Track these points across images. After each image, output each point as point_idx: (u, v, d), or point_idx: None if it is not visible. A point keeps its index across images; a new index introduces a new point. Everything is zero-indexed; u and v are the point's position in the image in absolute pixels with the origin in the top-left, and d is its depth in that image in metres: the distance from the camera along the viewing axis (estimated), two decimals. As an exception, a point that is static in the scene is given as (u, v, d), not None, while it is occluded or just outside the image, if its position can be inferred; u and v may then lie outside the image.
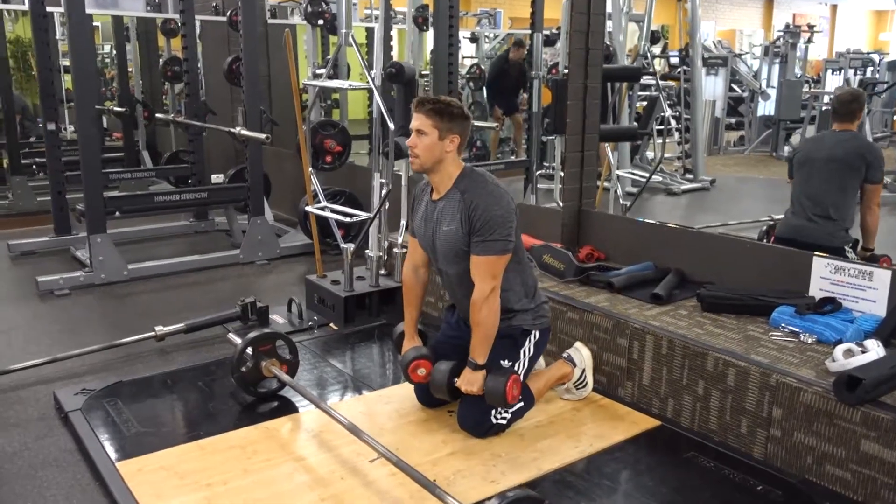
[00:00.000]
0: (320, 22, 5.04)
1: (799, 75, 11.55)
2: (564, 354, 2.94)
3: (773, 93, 11.76)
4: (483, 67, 9.68)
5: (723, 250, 3.43)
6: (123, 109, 7.40)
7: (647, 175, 8.05)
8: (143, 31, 7.80)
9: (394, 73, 3.66)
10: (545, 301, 2.79)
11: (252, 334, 2.93)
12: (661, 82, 5.12)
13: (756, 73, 12.57)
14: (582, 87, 3.82)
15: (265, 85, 6.63)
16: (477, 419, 2.59)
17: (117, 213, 4.89)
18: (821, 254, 3.03)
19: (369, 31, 7.07)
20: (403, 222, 4.07)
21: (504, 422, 2.61)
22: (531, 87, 6.45)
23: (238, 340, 3.09)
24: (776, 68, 12.13)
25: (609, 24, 7.25)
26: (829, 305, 2.87)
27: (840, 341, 2.59)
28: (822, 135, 3.67)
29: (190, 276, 4.84)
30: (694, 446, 2.63)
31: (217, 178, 6.57)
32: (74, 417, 2.79)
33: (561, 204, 4.33)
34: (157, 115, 6.65)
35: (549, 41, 10.01)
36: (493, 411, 2.57)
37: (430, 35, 5.60)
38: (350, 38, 3.62)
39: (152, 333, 3.57)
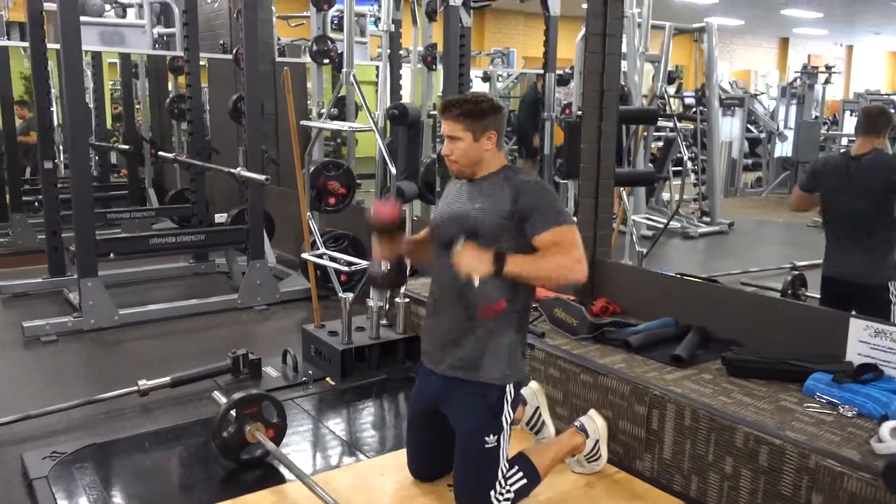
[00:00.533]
0: (325, 61, 4.90)
1: (815, 116, 11.34)
2: (577, 423, 2.68)
3: (789, 134, 11.58)
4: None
5: (749, 307, 3.18)
6: (128, 147, 7.29)
7: (665, 220, 7.88)
8: (153, 69, 7.73)
9: (397, 114, 3.48)
10: (526, 349, 2.46)
11: (236, 396, 2.70)
12: (678, 124, 4.91)
13: (773, 114, 12.38)
14: (596, 129, 3.61)
15: (272, 124, 6.50)
16: (475, 498, 2.32)
17: (112, 255, 4.72)
18: (858, 315, 2.77)
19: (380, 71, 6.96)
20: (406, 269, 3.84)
21: (507, 502, 2.34)
22: (543, 128, 6.30)
23: (222, 400, 2.86)
24: (793, 109, 11.96)
25: (623, 65, 7.12)
26: (870, 373, 2.60)
27: (885, 417, 2.32)
28: (841, 163, 3.39)
29: (184, 321, 4.62)
30: (722, 533, 2.35)
31: (221, 218, 6.40)
32: (38, 487, 2.56)
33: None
34: (161, 153, 6.51)
35: (563, 81, 9.92)
36: (494, 491, 2.30)
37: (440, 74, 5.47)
38: (351, 78, 3.45)
39: (135, 388, 3.34)
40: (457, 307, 2.32)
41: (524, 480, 2.38)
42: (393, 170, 3.37)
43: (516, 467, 2.37)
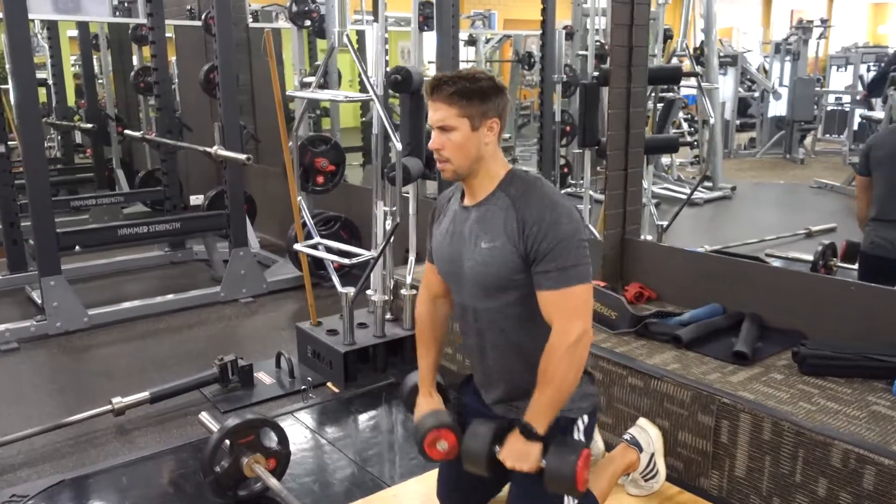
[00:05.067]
0: (307, 23, 4.39)
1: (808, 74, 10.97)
2: (626, 436, 2.28)
3: (783, 92, 11.21)
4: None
5: (809, 290, 2.80)
6: (92, 125, 6.72)
7: (668, 186, 7.49)
8: (115, 39, 7.12)
9: (399, 80, 3.00)
10: (591, 371, 2.01)
11: (230, 423, 2.26)
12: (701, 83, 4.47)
13: (767, 72, 12.00)
14: (625, 91, 3.18)
15: (247, 96, 5.96)
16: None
17: (77, 248, 4.23)
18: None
19: (360, 35, 6.42)
20: (412, 257, 3.42)
21: (566, 539, 1.94)
22: (542, 92, 5.85)
23: (212, 426, 2.43)
24: (787, 67, 11.57)
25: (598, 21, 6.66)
26: (972, 368, 2.24)
27: None
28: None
29: (162, 320, 4.16)
30: (819, 569, 1.99)
31: (196, 200, 5.88)
32: (-6, 545, 2.12)
33: (596, 232, 3.70)
34: (128, 131, 5.96)
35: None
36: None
37: (426, 39, 4.97)
38: (345, 39, 2.97)
39: (109, 407, 2.90)
40: (498, 352, 1.89)
41: (583, 512, 1.98)
42: (398, 145, 2.91)
43: (576, 501, 1.97)
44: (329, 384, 3.26)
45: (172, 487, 2.44)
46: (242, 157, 3.94)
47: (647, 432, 2.27)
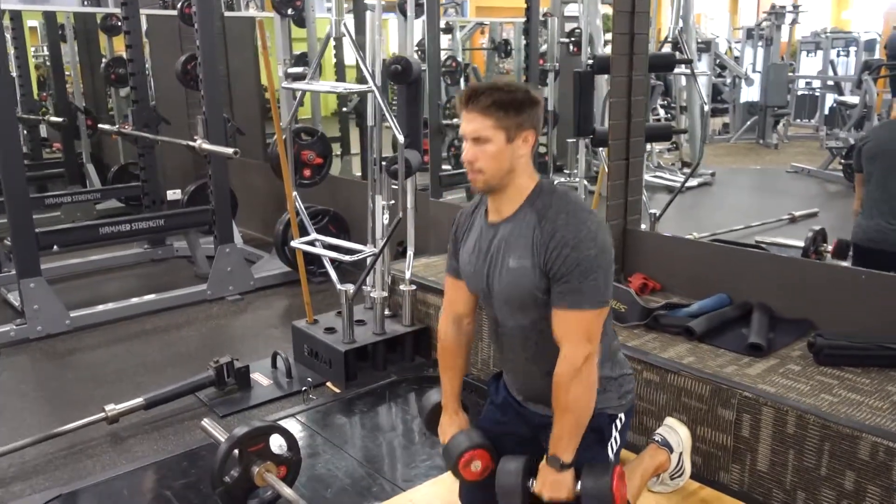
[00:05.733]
0: (290, 11, 4.26)
1: (782, 59, 11.05)
2: (656, 437, 2.24)
3: (755, 77, 11.29)
4: (459, 60, 8.97)
5: (815, 279, 2.78)
6: (62, 119, 6.48)
7: (653, 173, 7.49)
8: (83, 29, 6.88)
9: (400, 70, 2.91)
10: (629, 370, 2.04)
11: (239, 431, 2.17)
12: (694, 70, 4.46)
13: (738, 58, 12.09)
14: (626, 80, 3.12)
15: (224, 87, 5.79)
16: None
17: (55, 248, 4.07)
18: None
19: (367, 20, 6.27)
20: (410, 252, 3.33)
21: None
22: (527, 80, 5.79)
23: (217, 434, 2.34)
24: (758, 52, 11.66)
25: (579, 8, 6.61)
26: None
27: None
28: (891, 126, 3.03)
29: (147, 320, 4.02)
30: (849, 563, 1.97)
31: (174, 195, 5.71)
32: (-7, 568, 2.01)
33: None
34: (101, 125, 5.76)
35: (527, 30, 9.36)
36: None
37: (406, 25, 4.86)
38: (343, 28, 2.86)
39: (102, 415, 2.78)
40: (532, 361, 1.84)
41: (617, 518, 1.93)
42: (400, 138, 2.82)
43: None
44: (329, 384, 3.18)
45: (177, 499, 2.34)
46: (230, 150, 3.81)
47: (676, 432, 2.23)
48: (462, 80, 8.94)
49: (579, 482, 1.73)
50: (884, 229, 3.10)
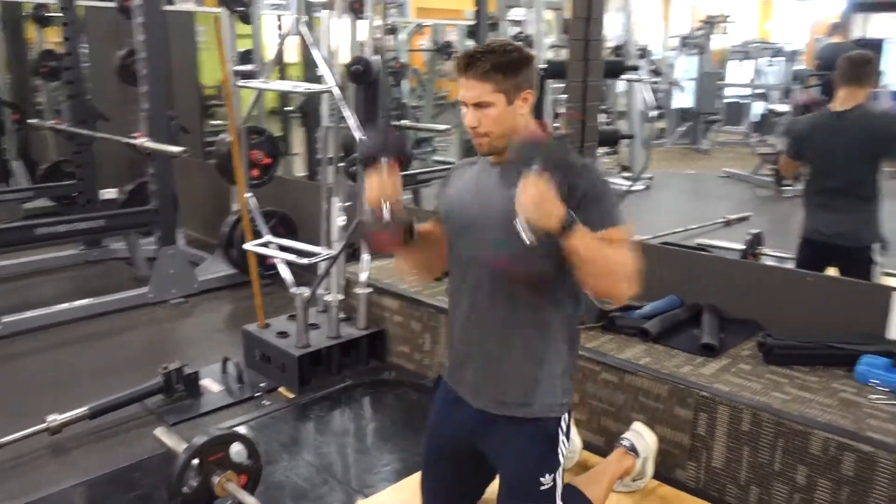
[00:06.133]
0: (239, 7, 4.16)
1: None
2: (624, 442, 2.27)
3: (687, 85, 11.64)
4: (403, 61, 8.95)
5: (762, 280, 2.89)
6: (-16, 113, 6.17)
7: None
8: (9, 20, 6.55)
9: (360, 70, 2.88)
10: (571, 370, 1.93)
11: (199, 440, 2.10)
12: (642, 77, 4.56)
13: (671, 65, 12.44)
14: (582, 85, 3.16)
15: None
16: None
17: (-16, 249, 3.87)
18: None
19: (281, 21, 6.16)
20: (366, 255, 3.30)
21: (565, 549, 1.91)
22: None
23: (173, 445, 2.26)
24: (688, 60, 12.03)
25: (523, 12, 6.70)
26: (925, 353, 2.36)
27: (979, 411, 2.06)
28: (825, 121, 3.13)
29: (87, 325, 3.86)
30: (802, 555, 2.05)
31: (108, 194, 5.50)
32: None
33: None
34: (32, 120, 5.51)
35: (472, 33, 9.40)
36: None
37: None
38: (303, 27, 2.80)
39: (43, 425, 2.65)
40: (494, 326, 1.81)
41: (581, 521, 1.96)
42: (363, 138, 2.78)
43: (565, 505, 1.94)
44: (281, 389, 3.11)
45: (130, 511, 2.25)
46: (177, 149, 3.70)
47: (644, 438, 2.27)
48: (403, 82, 8.93)
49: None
50: (824, 222, 3.19)
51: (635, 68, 4.69)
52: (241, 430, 2.70)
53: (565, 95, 3.20)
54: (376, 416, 2.95)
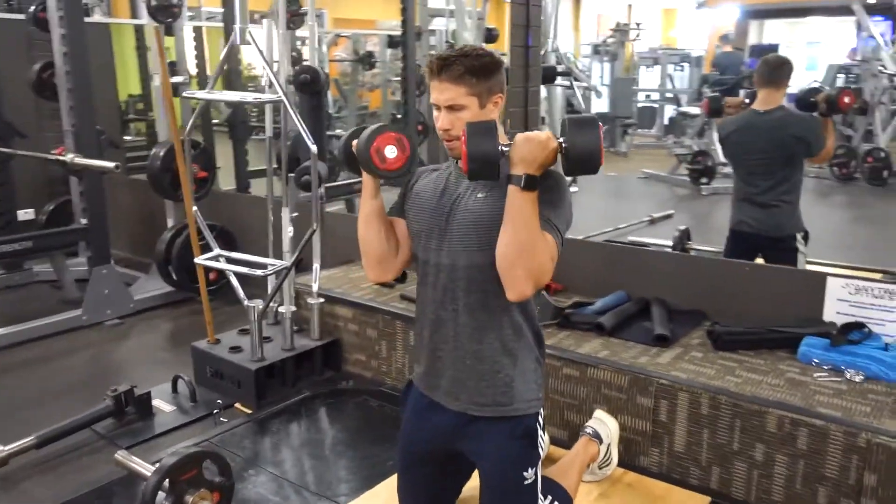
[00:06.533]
0: (168, 19, 4.04)
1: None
2: (588, 430, 2.35)
3: (603, 90, 12.04)
4: (325, 72, 8.88)
5: (709, 273, 3.04)
6: None
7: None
8: None
9: (308, 80, 2.86)
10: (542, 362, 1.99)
11: (168, 459, 2.04)
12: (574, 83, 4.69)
13: (585, 72, 12.82)
14: (523, 91, 3.25)
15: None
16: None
17: None
18: (837, 274, 2.70)
19: (197, 32, 6.03)
20: (317, 265, 3.28)
21: (548, 540, 1.96)
22: (405, 91, 5.85)
23: (138, 467, 2.19)
24: (604, 66, 12.47)
25: (454, 23, 6.84)
26: (857, 333, 2.54)
27: (913, 381, 2.23)
28: (748, 120, 3.32)
29: (18, 351, 3.66)
30: (764, 527, 2.17)
31: (26, 215, 5.22)
32: None
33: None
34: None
35: (394, 43, 9.45)
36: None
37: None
38: (248, 36, 2.77)
39: (-12, 458, 2.51)
40: (466, 329, 1.84)
41: (559, 510, 2.01)
42: (313, 148, 2.77)
43: (549, 497, 1.99)
44: (238, 405, 3.05)
45: (95, 540, 2.16)
46: (110, 164, 3.57)
47: (606, 425, 2.35)
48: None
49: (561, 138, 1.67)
50: (753, 216, 3.38)
51: (569, 73, 4.83)
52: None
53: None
54: (339, 425, 2.92)
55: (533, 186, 1.63)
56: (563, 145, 1.67)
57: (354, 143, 1.85)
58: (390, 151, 1.79)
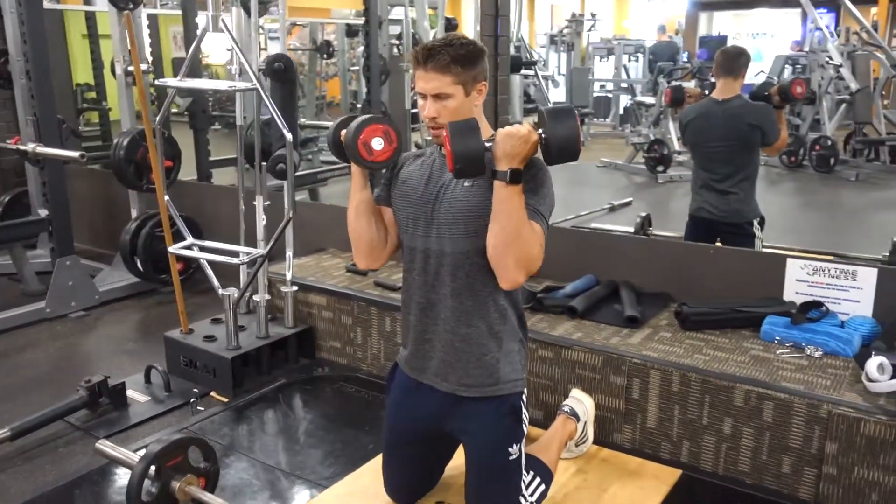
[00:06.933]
0: (130, 6, 3.97)
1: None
2: (565, 408, 2.43)
3: (560, 80, 12.19)
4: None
5: (673, 256, 3.14)
6: None
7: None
8: None
9: (282, 68, 2.86)
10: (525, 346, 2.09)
11: (154, 446, 2.05)
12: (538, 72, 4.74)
13: (541, 61, 12.95)
14: (492, 80, 3.30)
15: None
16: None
17: None
18: (796, 255, 2.83)
19: (151, 19, 5.93)
20: (290, 253, 3.28)
21: (531, 514, 2.04)
22: (369, 80, 5.84)
23: (121, 455, 2.19)
24: (560, 56, 12.62)
25: (413, 12, 6.87)
26: (815, 311, 2.67)
27: (869, 354, 2.35)
28: (707, 107, 3.44)
29: (-21, 346, 3.59)
30: (735, 496, 2.28)
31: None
32: None
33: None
34: None
35: (352, 32, 9.40)
36: (519, 505, 1.98)
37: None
38: (221, 24, 2.75)
39: (-38, 452, 2.48)
40: (454, 313, 1.91)
41: (543, 486, 2.09)
42: (288, 136, 2.77)
43: (531, 473, 2.07)
44: (214, 394, 3.05)
45: (78, 530, 2.16)
46: (75, 154, 3.51)
47: (582, 403, 2.44)
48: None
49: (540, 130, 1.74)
50: (711, 203, 3.49)
51: (535, 63, 4.90)
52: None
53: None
54: (317, 411, 2.95)
55: (518, 179, 1.71)
56: (543, 136, 1.74)
57: (343, 132, 1.89)
58: (377, 143, 1.84)
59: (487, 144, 1.73)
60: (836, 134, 8.17)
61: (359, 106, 8.97)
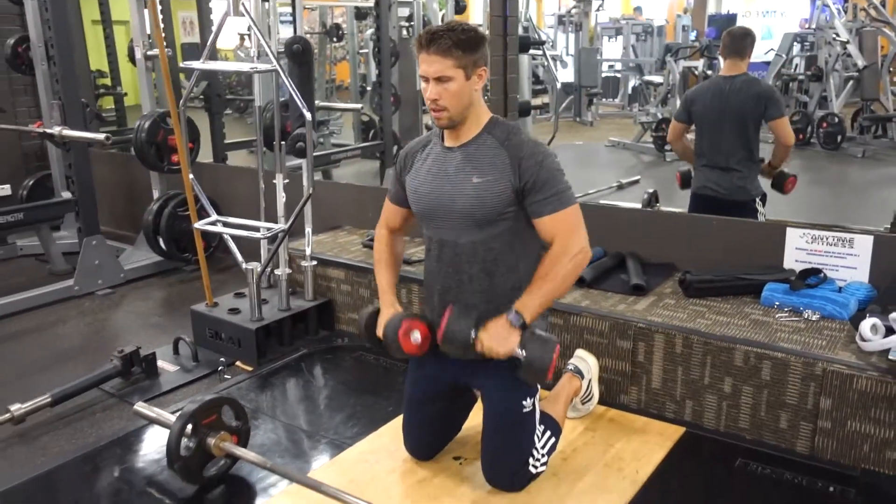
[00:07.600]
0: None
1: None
2: (570, 366, 2.57)
3: (568, 60, 12.21)
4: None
5: (678, 228, 3.25)
6: None
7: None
8: None
9: (300, 50, 2.98)
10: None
11: (190, 406, 2.20)
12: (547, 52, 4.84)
13: (550, 41, 12.97)
14: (502, 59, 3.41)
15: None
16: (514, 471, 2.12)
17: None
18: (794, 224, 2.94)
19: (164, 4, 6.02)
20: (309, 229, 3.42)
21: (544, 467, 2.18)
22: (380, 63, 5.95)
23: (158, 416, 2.35)
24: (568, 36, 12.62)
25: None
26: (814, 277, 2.78)
27: (864, 317, 2.46)
28: (716, 84, 3.53)
29: (13, 322, 3.75)
30: (736, 450, 2.41)
31: (2, 190, 5.24)
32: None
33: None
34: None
35: (362, 14, 9.47)
36: (532, 458, 2.12)
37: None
38: (242, 7, 2.87)
39: (7, 416, 2.63)
40: (473, 292, 2.07)
41: (553, 439, 2.23)
42: (308, 115, 2.89)
43: (542, 426, 2.21)
44: (239, 363, 3.20)
45: (122, 483, 2.31)
46: (100, 136, 3.65)
47: (586, 361, 2.57)
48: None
49: (523, 349, 1.93)
50: (716, 178, 3.59)
51: (543, 43, 4.99)
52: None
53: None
54: (338, 378, 3.09)
55: (525, 324, 1.94)
56: (523, 354, 1.92)
57: (380, 331, 2.10)
58: (415, 336, 2.04)
59: (473, 335, 1.94)
60: (844, 111, 8.21)
61: (368, 89, 9.04)
